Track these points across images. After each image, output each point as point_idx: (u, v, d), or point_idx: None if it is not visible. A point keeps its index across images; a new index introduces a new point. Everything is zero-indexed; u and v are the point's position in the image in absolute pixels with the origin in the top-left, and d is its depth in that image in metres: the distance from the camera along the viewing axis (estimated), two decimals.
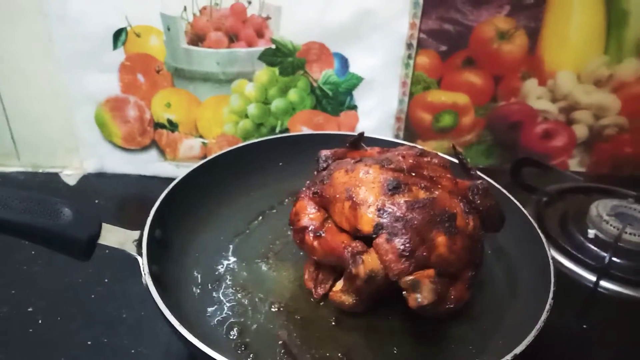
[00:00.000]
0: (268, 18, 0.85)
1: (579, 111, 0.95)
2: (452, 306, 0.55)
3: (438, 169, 0.60)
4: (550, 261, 0.59)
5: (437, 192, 0.55)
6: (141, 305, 0.67)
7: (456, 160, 0.66)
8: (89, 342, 0.64)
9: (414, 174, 0.57)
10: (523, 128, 0.97)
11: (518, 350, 0.49)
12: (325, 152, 0.65)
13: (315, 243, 0.58)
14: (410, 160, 0.59)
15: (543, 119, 0.96)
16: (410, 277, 0.50)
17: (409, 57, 0.89)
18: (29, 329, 0.66)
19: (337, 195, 0.57)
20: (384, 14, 0.85)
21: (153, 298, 0.51)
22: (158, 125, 0.94)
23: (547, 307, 0.53)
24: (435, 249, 0.52)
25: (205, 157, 0.91)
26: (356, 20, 0.85)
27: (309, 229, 0.59)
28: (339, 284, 0.59)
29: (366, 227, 0.53)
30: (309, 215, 0.60)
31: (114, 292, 0.71)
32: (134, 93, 0.91)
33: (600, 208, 0.81)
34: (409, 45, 0.88)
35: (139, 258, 0.54)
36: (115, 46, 0.86)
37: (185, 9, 0.84)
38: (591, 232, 0.79)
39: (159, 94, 0.91)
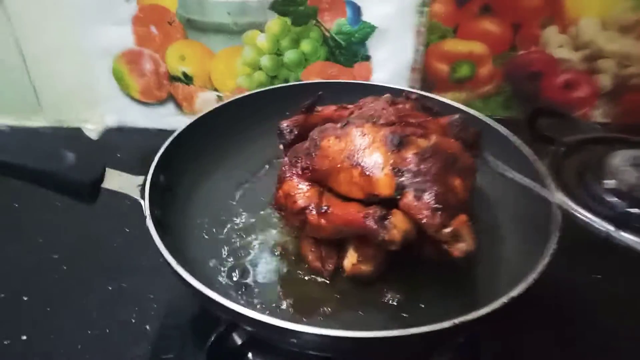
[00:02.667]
0: None
1: (602, 60, 0.91)
2: None
3: (415, 113, 0.58)
4: (556, 206, 0.57)
5: (433, 137, 0.53)
6: (159, 254, 0.69)
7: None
8: (110, 287, 0.68)
9: (403, 124, 0.55)
10: (544, 78, 0.94)
11: (515, 293, 0.48)
12: (286, 123, 0.63)
13: (322, 220, 0.54)
14: (391, 110, 0.57)
15: (565, 68, 0.92)
16: (449, 229, 0.49)
17: (423, 4, 0.87)
18: (54, 275, 0.70)
19: (339, 165, 0.54)
20: None
21: (153, 240, 0.52)
22: (174, 79, 0.94)
23: (551, 251, 0.52)
24: (457, 194, 0.51)
25: None
26: None
27: (310, 207, 0.55)
28: (352, 256, 0.56)
29: (386, 190, 0.51)
30: (304, 193, 0.56)
31: (134, 241, 0.74)
32: (148, 46, 0.91)
33: (621, 158, 0.78)
34: None
35: (141, 201, 0.56)
36: None
37: None
38: (610, 183, 0.77)
39: (172, 47, 0.91)
